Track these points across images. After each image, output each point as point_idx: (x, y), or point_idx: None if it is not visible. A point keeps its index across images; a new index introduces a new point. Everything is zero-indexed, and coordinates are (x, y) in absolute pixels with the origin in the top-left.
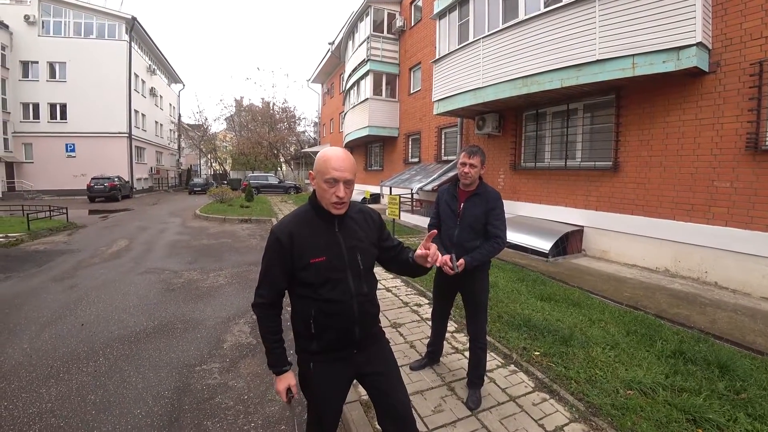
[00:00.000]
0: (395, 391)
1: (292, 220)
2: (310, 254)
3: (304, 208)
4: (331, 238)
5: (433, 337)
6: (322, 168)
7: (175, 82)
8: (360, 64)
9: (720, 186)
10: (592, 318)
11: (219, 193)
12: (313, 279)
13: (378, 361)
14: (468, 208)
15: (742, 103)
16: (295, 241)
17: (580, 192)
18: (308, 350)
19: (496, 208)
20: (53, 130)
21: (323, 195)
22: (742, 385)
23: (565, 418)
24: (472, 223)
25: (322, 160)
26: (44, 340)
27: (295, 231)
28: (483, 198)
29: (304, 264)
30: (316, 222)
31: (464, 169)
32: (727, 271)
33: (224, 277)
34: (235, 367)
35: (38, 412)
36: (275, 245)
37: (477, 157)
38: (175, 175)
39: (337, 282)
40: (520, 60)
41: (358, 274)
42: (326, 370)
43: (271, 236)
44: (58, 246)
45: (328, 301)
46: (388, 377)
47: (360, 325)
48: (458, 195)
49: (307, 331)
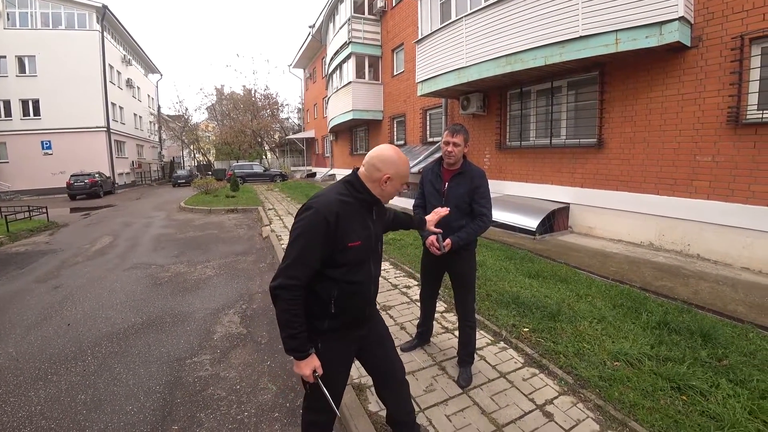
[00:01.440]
0: (393, 357)
1: (338, 202)
2: (349, 237)
3: (343, 192)
4: (365, 224)
5: (422, 318)
6: (405, 173)
7: (152, 72)
8: (342, 47)
9: (702, 160)
10: (579, 293)
11: (203, 184)
12: (346, 261)
13: (376, 330)
14: (453, 187)
15: (724, 78)
16: (341, 222)
17: (566, 169)
18: (318, 330)
19: (480, 187)
20: (27, 128)
21: (393, 193)
22: (724, 352)
23: (554, 391)
24: (457, 202)
25: (405, 168)
26: (30, 342)
27: (342, 213)
28: (467, 177)
29: (343, 246)
30: (356, 208)
31: (447, 148)
32: (708, 243)
33: (212, 269)
34: (226, 358)
35: (28, 415)
36: (321, 224)
37: (460, 136)
38: (158, 168)
39: (363, 265)
40: (504, 38)
41: (376, 258)
42: (334, 347)
43: (314, 214)
44: (40, 246)
45: (352, 282)
46: (386, 344)
47: (370, 304)
48: (442, 174)
49: (323, 311)
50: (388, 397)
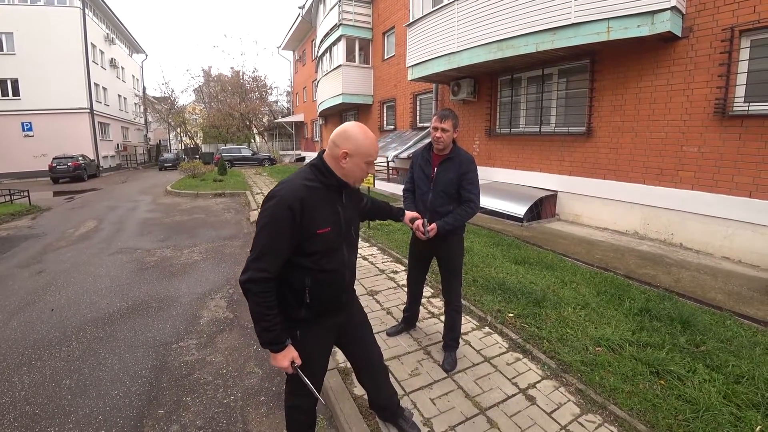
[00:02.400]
0: (370, 344)
1: (301, 187)
2: (317, 224)
3: (307, 177)
4: (334, 209)
5: (408, 303)
6: (366, 150)
7: (137, 51)
8: (332, 29)
9: (688, 150)
10: (564, 280)
11: (191, 167)
12: (316, 249)
13: (354, 317)
14: (441, 172)
15: (712, 69)
16: (306, 209)
17: (555, 157)
18: (296, 318)
19: (469, 172)
20: (6, 108)
21: (356, 172)
22: (702, 338)
23: (537, 375)
24: (445, 187)
25: (365, 143)
26: (13, 328)
27: (306, 198)
28: (456, 162)
29: (310, 234)
30: (324, 192)
31: (436, 133)
32: (691, 233)
33: (198, 253)
34: (213, 343)
35: (11, 401)
36: (286, 213)
37: (449, 121)
38: (144, 151)
39: (335, 252)
40: (496, 23)
41: (351, 243)
42: (313, 334)
43: (278, 203)
44: (22, 231)
45: (325, 270)
46: (363, 330)
47: (347, 292)
48: (432, 159)
49: (297, 300)
50: (367, 383)
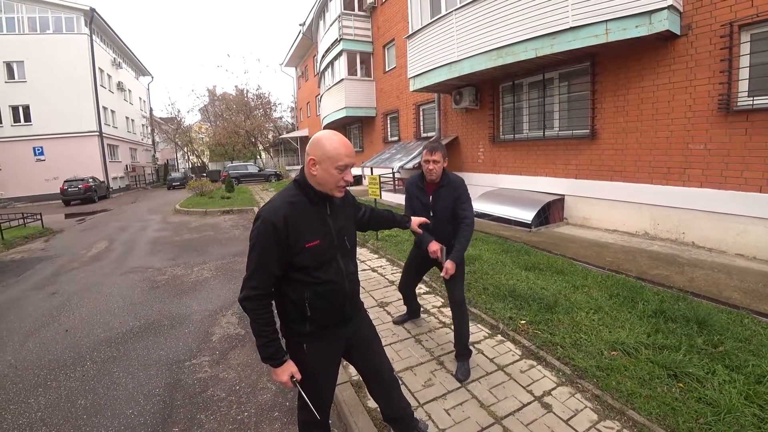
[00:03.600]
0: (380, 357)
1: (284, 204)
2: (305, 238)
3: (291, 193)
4: (322, 220)
5: (405, 301)
6: (334, 155)
7: (143, 74)
8: (333, 44)
9: (694, 148)
10: (575, 284)
11: (198, 186)
12: (308, 263)
13: (362, 330)
14: (437, 200)
15: (714, 65)
16: (290, 225)
17: (560, 161)
18: (301, 333)
19: (462, 194)
20: (18, 134)
21: (328, 180)
22: (720, 338)
23: (552, 382)
24: (443, 213)
25: (332, 147)
26: (29, 349)
27: (290, 215)
28: (449, 188)
29: (299, 249)
30: (307, 206)
31: (428, 166)
32: (703, 230)
33: (209, 271)
34: (225, 359)
35: (28, 422)
36: (270, 231)
37: (438, 153)
38: (152, 171)
39: (330, 263)
40: (494, 31)
41: (346, 253)
42: (320, 348)
43: (262, 223)
44: (36, 253)
45: (322, 282)
46: (373, 344)
47: (350, 302)
48: (426, 188)
49: (300, 314)
50: (378, 396)
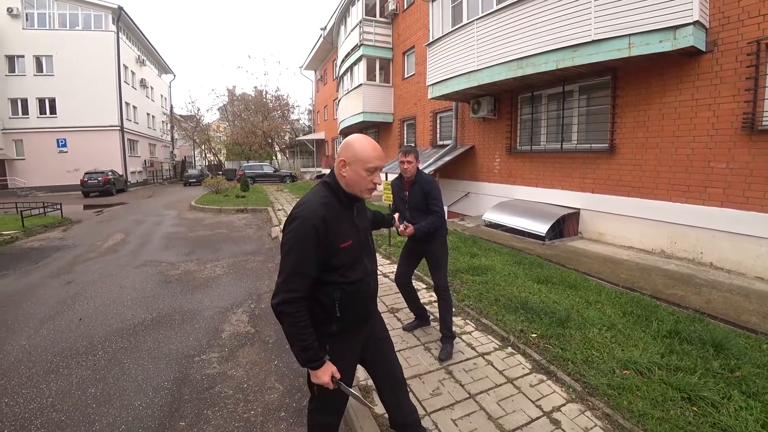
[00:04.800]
0: (392, 357)
1: (322, 206)
2: (340, 239)
3: (323, 194)
4: (351, 221)
5: (408, 303)
6: (366, 157)
7: (166, 72)
8: (353, 49)
9: (716, 167)
10: (588, 300)
11: (214, 183)
12: (342, 263)
13: (376, 329)
14: (411, 194)
15: (739, 83)
16: (329, 226)
17: (577, 174)
18: (327, 334)
19: (431, 191)
20: (43, 126)
21: (359, 182)
22: (737, 363)
23: (562, 398)
24: (416, 204)
25: (362, 149)
26: (43, 336)
27: (328, 216)
28: (420, 185)
29: (335, 249)
30: (338, 207)
31: (403, 165)
32: (722, 251)
33: (221, 268)
34: (234, 357)
35: (39, 407)
36: (311, 232)
37: (411, 155)
38: (170, 167)
39: (358, 263)
40: (515, 41)
41: (369, 253)
42: (342, 347)
43: (301, 223)
44: (54, 242)
45: (351, 282)
46: (386, 344)
47: (372, 300)
48: (403, 185)
49: (329, 314)
50: (388, 398)
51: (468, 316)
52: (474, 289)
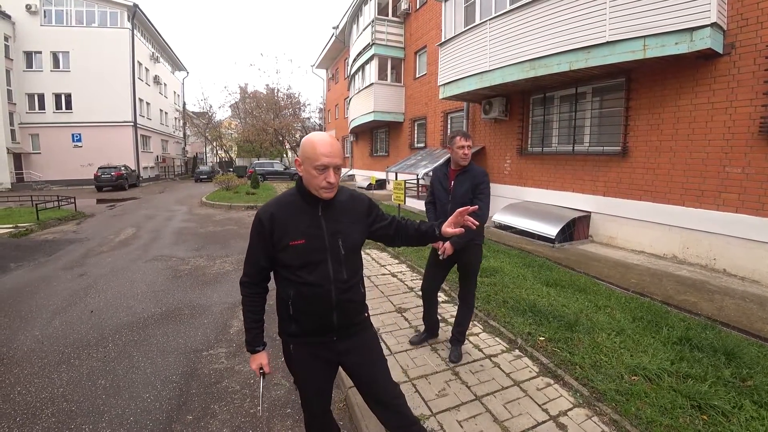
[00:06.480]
0: (376, 382)
1: (275, 203)
2: (289, 236)
3: (290, 192)
4: (313, 221)
5: (426, 311)
6: (311, 155)
7: (179, 69)
8: (364, 48)
9: (731, 172)
10: (598, 304)
11: (225, 180)
12: (291, 261)
13: (359, 351)
14: (457, 185)
15: (757, 87)
16: (276, 222)
17: (588, 177)
18: (288, 332)
19: (482, 183)
20: (59, 121)
21: (312, 181)
22: (749, 372)
23: (569, 403)
24: (462, 198)
25: (310, 146)
26: (55, 327)
27: (277, 213)
28: (470, 174)
29: (283, 245)
30: (300, 205)
31: (464, 151)
32: (736, 258)
33: (231, 264)
34: (242, 352)
35: (50, 396)
36: (257, 226)
37: (471, 140)
38: (181, 163)
39: (316, 265)
40: (528, 42)
41: (338, 259)
42: (305, 353)
43: (255, 217)
44: (67, 235)
45: (306, 284)
46: (369, 367)
47: (338, 312)
48: (449, 174)
49: (286, 313)
50: (379, 417)
51: (476, 318)
52: (482, 290)
